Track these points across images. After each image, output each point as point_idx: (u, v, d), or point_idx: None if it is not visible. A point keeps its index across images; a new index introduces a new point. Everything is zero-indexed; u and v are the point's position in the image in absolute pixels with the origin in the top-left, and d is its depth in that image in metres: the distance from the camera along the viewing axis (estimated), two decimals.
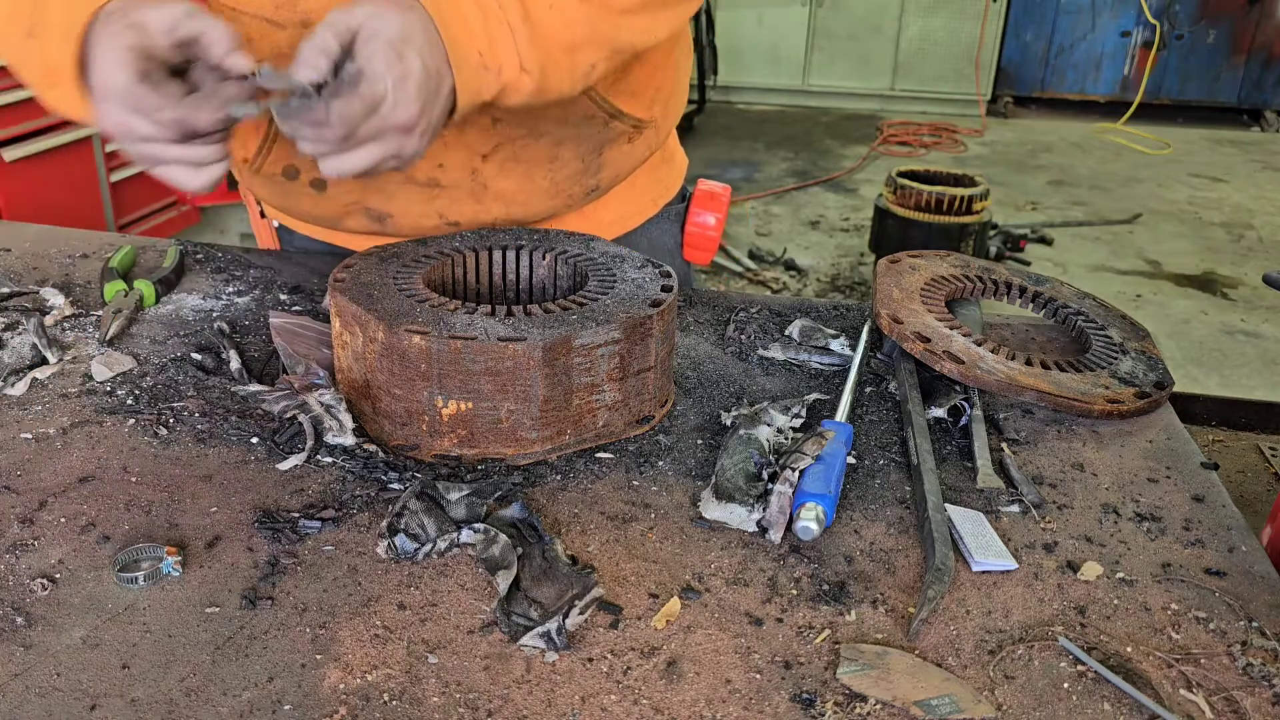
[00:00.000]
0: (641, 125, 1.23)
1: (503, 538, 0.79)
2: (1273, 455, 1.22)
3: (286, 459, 0.91)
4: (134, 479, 0.88)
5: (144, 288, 1.22)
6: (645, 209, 1.36)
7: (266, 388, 0.98)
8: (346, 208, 1.20)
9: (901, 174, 4.38)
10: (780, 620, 0.75)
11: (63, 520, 0.82)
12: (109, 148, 3.80)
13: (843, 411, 1.00)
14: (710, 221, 1.36)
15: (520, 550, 0.79)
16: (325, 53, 0.85)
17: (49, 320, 1.15)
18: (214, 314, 1.21)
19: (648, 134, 1.25)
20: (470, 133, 1.13)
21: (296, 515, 0.84)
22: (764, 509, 0.85)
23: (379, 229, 1.22)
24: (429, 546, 0.79)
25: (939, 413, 1.03)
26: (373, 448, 0.92)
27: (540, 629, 0.71)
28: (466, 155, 1.15)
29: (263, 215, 1.40)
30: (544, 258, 1.09)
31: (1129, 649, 0.74)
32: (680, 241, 1.40)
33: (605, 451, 0.95)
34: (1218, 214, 6.00)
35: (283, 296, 1.25)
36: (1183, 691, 0.70)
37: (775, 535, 0.84)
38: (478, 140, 1.14)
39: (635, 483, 0.91)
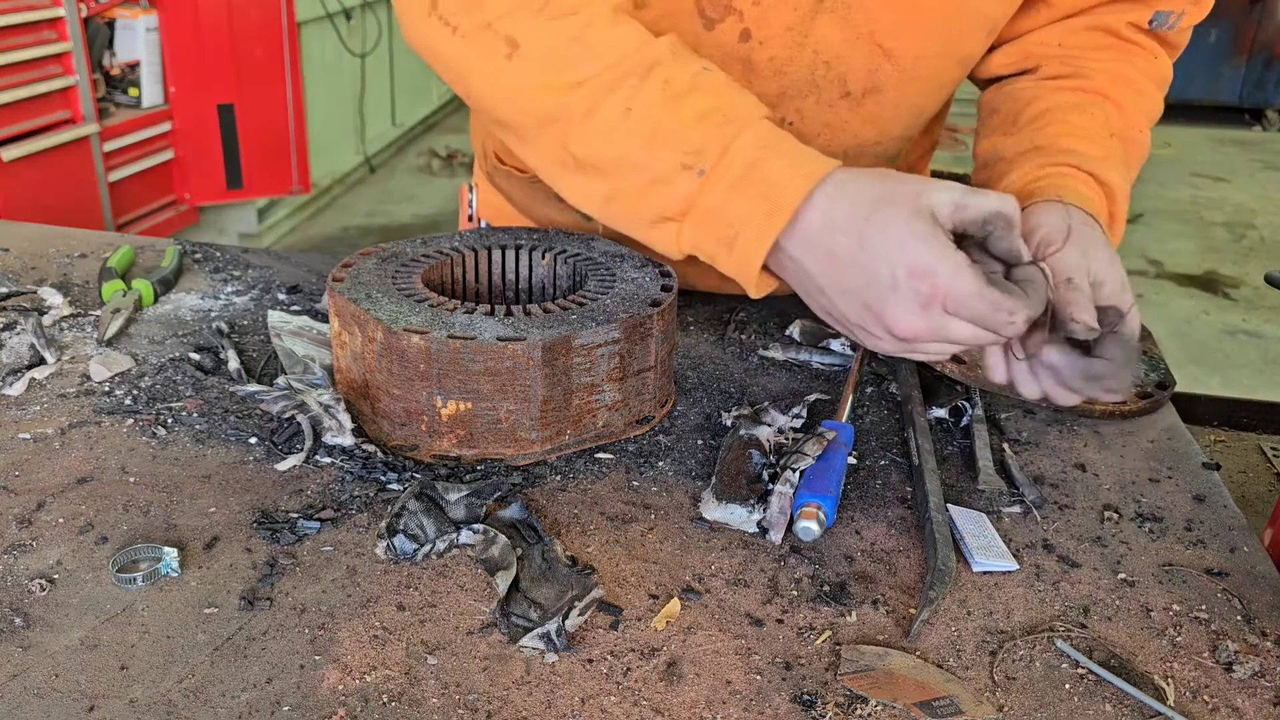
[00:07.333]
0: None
1: (502, 538, 0.79)
2: (1274, 455, 1.22)
3: (285, 459, 0.90)
4: (132, 479, 0.88)
5: (142, 287, 1.21)
6: None
7: (265, 388, 0.98)
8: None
9: None
10: (781, 621, 0.75)
11: (61, 521, 0.82)
12: (108, 146, 3.79)
13: (844, 412, 1.00)
14: None
15: (520, 551, 0.79)
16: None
17: (47, 320, 1.15)
18: (212, 314, 1.20)
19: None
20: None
21: (295, 516, 0.83)
22: (764, 509, 0.85)
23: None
24: (428, 547, 0.79)
25: (940, 413, 1.03)
26: (371, 448, 0.92)
27: (540, 630, 0.71)
28: None
29: (470, 218, 1.42)
30: (543, 257, 1.09)
31: (1130, 649, 0.73)
32: None
33: (605, 451, 0.95)
34: (1219, 214, 6.00)
35: (281, 296, 1.25)
36: (1184, 692, 0.70)
37: (776, 536, 0.83)
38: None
39: (635, 483, 0.91)
